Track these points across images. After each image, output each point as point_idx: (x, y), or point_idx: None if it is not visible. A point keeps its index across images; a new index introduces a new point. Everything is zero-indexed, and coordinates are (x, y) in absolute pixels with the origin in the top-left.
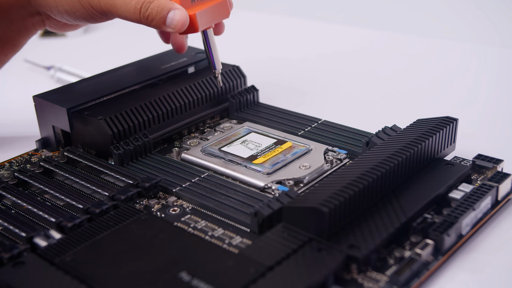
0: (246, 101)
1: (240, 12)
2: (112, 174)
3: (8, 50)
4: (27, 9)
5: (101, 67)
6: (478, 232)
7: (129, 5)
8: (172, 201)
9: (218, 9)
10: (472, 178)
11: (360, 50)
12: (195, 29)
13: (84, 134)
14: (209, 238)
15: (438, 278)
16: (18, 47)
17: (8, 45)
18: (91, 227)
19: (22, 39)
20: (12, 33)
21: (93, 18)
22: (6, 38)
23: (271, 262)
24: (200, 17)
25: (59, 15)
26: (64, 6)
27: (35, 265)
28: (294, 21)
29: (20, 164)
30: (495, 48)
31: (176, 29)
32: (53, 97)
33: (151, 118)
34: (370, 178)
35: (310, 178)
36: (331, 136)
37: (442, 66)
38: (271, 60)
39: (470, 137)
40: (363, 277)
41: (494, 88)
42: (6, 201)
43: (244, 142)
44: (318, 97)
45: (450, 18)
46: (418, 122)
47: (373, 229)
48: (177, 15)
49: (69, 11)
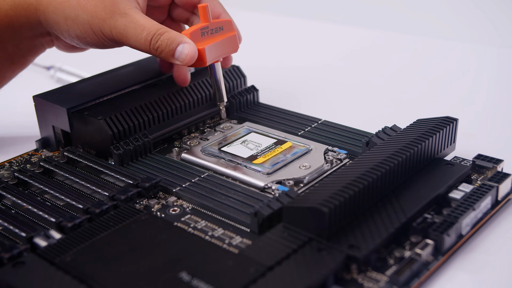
0: (246, 101)
1: (240, 12)
2: (112, 174)
3: (16, 67)
4: (38, 29)
5: (101, 67)
6: (478, 232)
7: (140, 36)
8: (172, 201)
9: (227, 43)
10: (472, 178)
11: (360, 50)
12: (203, 63)
13: (84, 134)
14: (209, 238)
15: (438, 278)
16: (25, 65)
17: (16, 62)
18: (91, 227)
19: (30, 57)
20: (21, 51)
21: (103, 45)
22: (15, 56)
23: (271, 262)
24: (209, 51)
25: (70, 39)
26: (76, 31)
27: (35, 265)
28: (294, 21)
29: (20, 164)
30: (495, 48)
31: (184, 62)
32: (53, 97)
33: (151, 118)
34: (370, 178)
35: (310, 178)
36: (331, 136)
37: (442, 66)
38: (271, 60)
39: (470, 137)
40: (363, 277)
41: (494, 88)
42: (6, 201)
43: (244, 142)
44: (318, 97)
45: (450, 18)
46: (418, 122)
47: (373, 229)
48: (186, 49)
49: (80, 36)
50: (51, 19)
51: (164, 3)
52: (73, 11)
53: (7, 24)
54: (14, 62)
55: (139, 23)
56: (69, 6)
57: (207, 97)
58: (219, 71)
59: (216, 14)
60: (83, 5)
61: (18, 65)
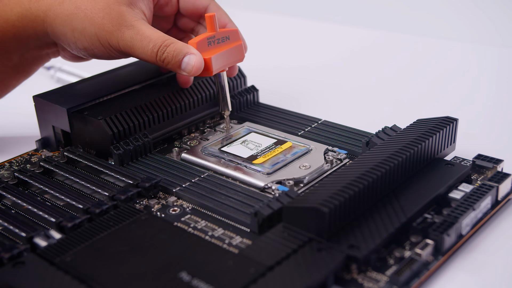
0: (246, 101)
1: (240, 12)
2: (112, 174)
3: (21, 76)
4: (44, 40)
5: (101, 67)
6: (478, 232)
7: (146, 48)
8: (172, 201)
9: (233, 53)
10: (472, 178)
11: (360, 50)
12: (209, 72)
13: (84, 134)
14: (209, 238)
15: (438, 278)
16: (30, 74)
17: (21, 71)
18: (91, 227)
19: (35, 66)
20: (26, 61)
21: (110, 56)
22: (20, 65)
23: (271, 262)
24: (215, 61)
25: (77, 50)
26: (84, 43)
27: (35, 265)
28: (294, 21)
29: (20, 164)
30: (495, 48)
31: (191, 73)
32: (53, 97)
33: (151, 118)
34: (370, 178)
35: (310, 178)
36: (331, 136)
37: (442, 66)
38: (271, 60)
39: (470, 137)
40: (363, 277)
41: (494, 88)
42: (6, 201)
43: (244, 142)
44: (318, 97)
45: (450, 18)
46: (418, 122)
47: (373, 229)
48: (192, 60)
49: (87, 48)
50: (58, 31)
51: (170, 13)
52: (80, 23)
53: (14, 35)
54: (19, 71)
55: (146, 35)
56: (77, 19)
57: (207, 97)
58: (225, 80)
59: (222, 23)
60: (90, 18)
61: (23, 74)
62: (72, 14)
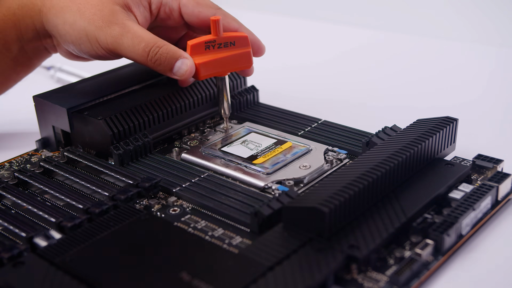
0: (246, 101)
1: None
2: (112, 174)
3: (21, 69)
4: (41, 31)
5: (101, 67)
6: (478, 232)
7: (137, 47)
8: (172, 201)
9: (237, 59)
10: (472, 178)
11: (360, 50)
12: (198, 77)
13: (84, 134)
14: (209, 238)
15: (438, 278)
16: (31, 68)
17: (21, 64)
18: (91, 227)
19: (35, 60)
20: (26, 53)
21: (97, 55)
22: (20, 57)
23: (271, 262)
24: (205, 67)
25: (66, 44)
26: (72, 36)
27: (35, 265)
28: (294, 21)
29: (20, 164)
30: (495, 48)
31: (183, 78)
32: (53, 97)
33: (151, 118)
34: (370, 178)
35: (310, 178)
36: (331, 136)
37: (442, 66)
38: (271, 60)
39: (470, 137)
40: (363, 277)
41: (494, 88)
42: (6, 201)
43: (244, 142)
44: (318, 97)
45: (450, 18)
46: (418, 122)
47: (373, 229)
48: (184, 65)
49: (75, 43)
50: (52, 22)
51: (174, 25)
52: (71, 16)
53: (14, 23)
54: (19, 63)
55: (137, 34)
56: (69, 11)
57: (207, 97)
58: (225, 85)
59: (232, 30)
60: (82, 12)
61: (23, 67)
62: (66, 6)
